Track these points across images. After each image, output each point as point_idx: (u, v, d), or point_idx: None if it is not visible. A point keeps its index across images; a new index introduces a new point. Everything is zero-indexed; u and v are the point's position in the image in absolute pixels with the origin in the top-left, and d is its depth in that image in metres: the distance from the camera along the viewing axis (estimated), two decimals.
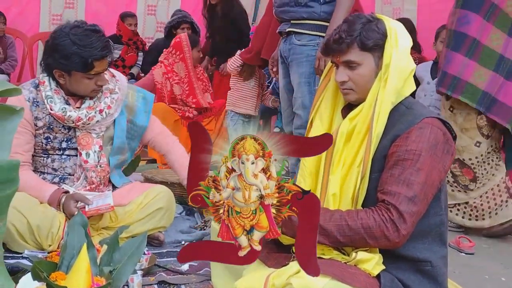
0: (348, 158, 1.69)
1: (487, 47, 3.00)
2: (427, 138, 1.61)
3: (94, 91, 2.30)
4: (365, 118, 1.67)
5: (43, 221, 2.17)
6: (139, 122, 2.51)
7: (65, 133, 2.33)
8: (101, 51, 2.21)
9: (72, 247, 1.43)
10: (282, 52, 2.97)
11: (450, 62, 3.06)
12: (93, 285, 1.33)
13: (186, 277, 2.11)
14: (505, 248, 2.99)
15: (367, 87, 1.69)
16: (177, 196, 2.82)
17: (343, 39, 1.67)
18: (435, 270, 1.71)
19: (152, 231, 2.39)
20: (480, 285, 2.39)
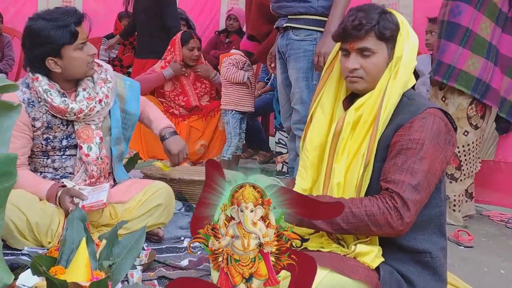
0: (353, 147, 1.70)
1: (479, 36, 3.12)
2: (430, 127, 1.62)
3: (90, 65, 2.29)
4: (372, 108, 1.68)
5: (42, 218, 2.16)
6: (131, 110, 2.51)
7: (64, 130, 2.32)
8: (75, 15, 2.21)
9: (71, 241, 1.43)
10: (279, 47, 2.98)
11: (445, 51, 3.13)
12: (92, 278, 1.33)
13: (186, 272, 2.12)
14: (504, 242, 3.00)
15: (377, 77, 1.70)
16: (176, 193, 2.83)
17: (362, 26, 1.68)
18: (434, 261, 1.71)
19: (151, 227, 2.39)
20: (479, 278, 2.39)
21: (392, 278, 1.64)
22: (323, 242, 1.72)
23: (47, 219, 2.17)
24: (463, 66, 3.11)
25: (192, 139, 4.36)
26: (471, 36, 3.10)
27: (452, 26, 3.12)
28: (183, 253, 2.37)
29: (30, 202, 2.17)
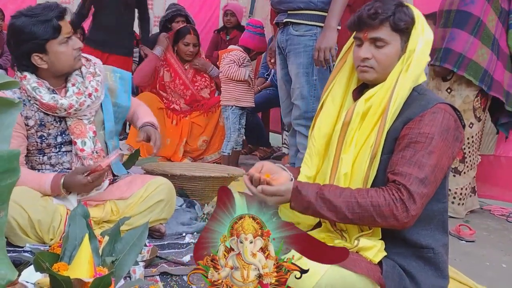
0: (361, 138, 1.70)
1: (487, 27, 3.13)
2: (440, 122, 1.61)
3: (77, 58, 2.27)
4: (382, 100, 1.67)
5: (44, 216, 2.16)
6: (122, 103, 2.50)
7: (57, 127, 2.31)
8: (57, 9, 2.19)
9: (74, 238, 1.43)
10: (279, 42, 2.97)
11: (455, 39, 3.12)
12: (95, 274, 1.33)
13: (188, 268, 2.11)
14: (506, 236, 3.00)
15: (389, 68, 1.70)
16: (178, 189, 2.83)
17: (378, 15, 1.68)
18: (437, 257, 1.71)
19: (153, 223, 2.39)
20: (481, 272, 2.39)
21: (394, 273, 1.64)
22: (324, 237, 1.73)
23: (48, 216, 2.17)
24: (473, 56, 3.11)
25: (194, 135, 4.37)
26: (481, 27, 3.11)
27: (463, 15, 3.11)
28: (185, 249, 2.37)
29: (32, 200, 2.17)
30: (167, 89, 4.45)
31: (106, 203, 2.34)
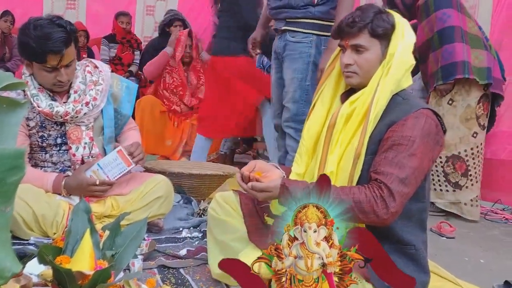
0: (346, 139, 1.71)
1: (470, 33, 3.14)
2: (422, 126, 1.62)
3: (56, 85, 2.24)
4: (365, 102, 1.68)
5: (47, 211, 2.16)
6: (123, 111, 2.48)
7: (57, 129, 2.30)
8: (53, 44, 2.12)
9: (76, 232, 1.42)
10: (276, 48, 2.96)
11: (453, 52, 3.10)
12: (96, 267, 1.32)
13: (185, 261, 2.11)
14: (484, 233, 3.02)
15: (370, 73, 1.71)
16: (175, 186, 2.82)
17: (355, 23, 1.70)
18: (418, 253, 1.72)
19: (151, 218, 2.39)
20: (460, 266, 2.40)
21: None
22: None
23: (52, 211, 2.16)
24: (471, 61, 3.09)
25: (194, 136, 4.37)
26: (465, 34, 3.11)
27: (448, 30, 3.11)
28: (181, 243, 2.37)
29: (36, 196, 2.16)
30: (168, 89, 4.44)
31: (107, 199, 2.34)
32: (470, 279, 2.18)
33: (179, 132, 4.35)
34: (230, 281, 1.83)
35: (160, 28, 5.36)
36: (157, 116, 4.35)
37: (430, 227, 2.89)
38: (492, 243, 2.81)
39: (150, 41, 5.62)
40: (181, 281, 1.93)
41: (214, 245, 1.97)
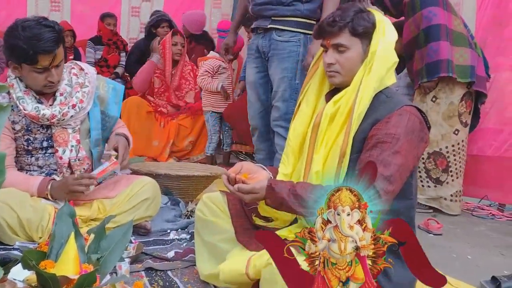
0: (331, 138, 1.71)
1: (455, 31, 3.16)
2: (406, 124, 1.62)
3: (47, 87, 2.22)
4: (348, 101, 1.68)
5: (32, 215, 2.13)
6: (111, 113, 2.46)
7: (43, 133, 2.27)
8: (44, 44, 2.10)
9: (61, 236, 1.41)
10: (260, 47, 2.91)
11: (439, 49, 3.13)
12: (81, 272, 1.31)
13: (172, 263, 2.10)
14: (471, 229, 3.04)
15: (353, 72, 1.71)
16: (163, 187, 2.81)
17: (336, 22, 1.70)
18: None
19: (139, 220, 2.37)
20: (448, 263, 2.41)
21: None
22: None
23: (37, 215, 2.13)
24: (454, 60, 3.13)
25: (181, 136, 4.38)
26: (449, 32, 3.14)
27: (434, 28, 3.13)
28: (169, 245, 2.35)
29: (20, 200, 2.13)
30: (155, 94, 4.44)
31: (93, 202, 2.32)
32: (457, 276, 2.19)
33: (166, 133, 4.34)
34: (219, 282, 1.82)
35: (147, 29, 5.33)
36: (143, 116, 4.34)
37: (418, 224, 2.90)
38: (479, 239, 2.83)
39: (136, 43, 5.58)
40: (169, 284, 1.91)
41: (202, 247, 1.96)
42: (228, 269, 1.69)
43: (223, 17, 6.20)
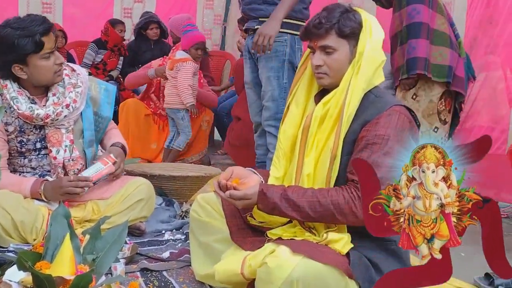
0: (321, 140, 1.71)
1: (437, 30, 3.18)
2: (395, 124, 1.63)
3: (57, 73, 2.22)
4: (337, 103, 1.69)
5: (26, 217, 2.13)
6: (103, 114, 2.45)
7: (36, 134, 2.27)
8: (42, 26, 2.14)
9: (56, 237, 1.41)
10: (249, 48, 2.94)
11: (417, 47, 3.14)
12: (77, 272, 1.31)
13: (168, 263, 2.10)
14: None
15: (341, 73, 1.71)
16: (157, 188, 2.81)
17: (322, 24, 1.69)
18: (399, 248, 1.70)
19: (133, 221, 2.37)
20: None
21: (361, 263, 1.65)
22: (296, 231, 1.73)
23: (31, 217, 2.13)
24: (431, 59, 3.15)
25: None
26: (430, 32, 3.16)
27: (415, 26, 3.15)
28: (164, 246, 2.36)
29: (14, 202, 2.13)
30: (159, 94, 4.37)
31: (87, 203, 2.31)
32: None
33: (164, 136, 4.32)
34: (214, 282, 1.82)
35: (136, 31, 5.32)
36: (141, 119, 4.31)
37: None
38: (472, 236, 2.83)
39: (127, 45, 5.58)
40: (164, 284, 1.92)
41: (197, 247, 1.96)
42: (223, 269, 1.70)
43: (215, 18, 6.20)
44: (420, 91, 3.26)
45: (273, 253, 1.54)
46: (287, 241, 1.64)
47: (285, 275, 1.49)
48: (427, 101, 3.24)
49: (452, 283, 2.08)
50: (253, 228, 1.82)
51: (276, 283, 1.51)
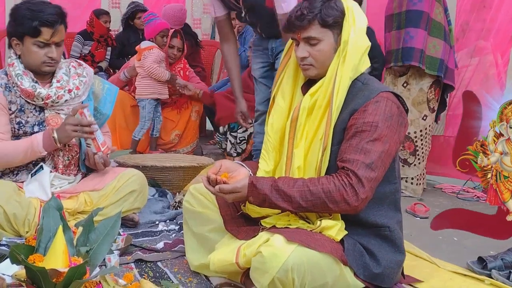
0: (310, 131, 1.70)
1: (435, 20, 3.18)
2: (383, 110, 1.63)
3: (45, 63, 2.24)
4: (325, 93, 1.68)
5: (18, 209, 2.12)
6: (103, 110, 2.46)
7: (36, 116, 2.27)
8: (48, 16, 2.17)
9: (48, 230, 1.40)
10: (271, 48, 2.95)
11: (414, 38, 3.15)
12: (70, 264, 1.30)
13: (162, 254, 2.10)
14: None
15: (327, 63, 1.70)
16: (150, 179, 2.80)
17: (304, 16, 1.67)
18: (393, 234, 1.74)
19: (126, 212, 2.37)
20: (435, 245, 2.45)
21: (355, 250, 1.66)
22: (290, 219, 1.74)
23: (23, 209, 2.12)
24: (426, 50, 3.16)
25: (167, 129, 4.36)
26: (429, 21, 3.16)
27: (415, 13, 3.14)
28: (158, 236, 2.35)
29: (6, 195, 2.12)
30: None
31: (80, 195, 2.30)
32: (445, 257, 2.22)
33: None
34: (209, 272, 1.83)
35: (123, 21, 5.27)
36: (128, 111, 4.30)
37: (405, 208, 2.94)
38: None
39: (115, 36, 5.52)
40: (159, 274, 1.92)
41: (191, 238, 1.96)
42: (218, 259, 1.70)
43: (204, 8, 6.15)
44: (411, 79, 3.27)
45: (268, 242, 1.55)
46: (281, 229, 1.64)
47: (280, 263, 1.50)
48: (418, 90, 3.26)
49: (445, 267, 2.10)
50: (247, 217, 1.82)
51: (271, 271, 1.51)
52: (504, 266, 2.04)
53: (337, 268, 1.60)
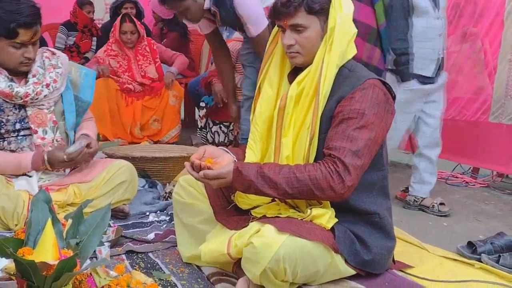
0: (298, 120, 1.70)
1: None
2: (370, 97, 1.63)
3: (23, 64, 2.20)
4: (312, 81, 1.67)
5: (7, 203, 2.10)
6: (84, 98, 2.43)
7: (16, 114, 2.23)
8: (26, 18, 2.10)
9: (37, 223, 1.39)
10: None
11: None
12: (60, 257, 1.30)
13: (153, 245, 2.10)
14: (445, 196, 3.10)
15: (313, 50, 1.69)
16: (139, 170, 2.79)
17: (291, 3, 1.66)
18: (382, 221, 1.75)
19: (116, 204, 2.35)
20: (424, 230, 2.48)
21: (346, 237, 1.67)
22: (280, 208, 1.74)
23: (12, 203, 2.11)
24: None
25: (146, 117, 4.35)
26: None
27: None
28: (149, 227, 2.35)
29: None
30: (116, 74, 4.36)
31: (69, 187, 2.28)
32: (435, 242, 2.24)
33: (131, 112, 4.30)
34: (201, 262, 1.83)
35: (112, 10, 5.22)
36: (112, 96, 4.27)
37: (395, 195, 2.96)
38: (454, 206, 2.89)
39: (102, 26, 5.46)
40: (150, 265, 1.92)
41: (182, 229, 1.96)
42: (209, 249, 1.70)
43: None
44: None
45: (259, 233, 1.55)
46: (271, 219, 1.64)
47: (272, 254, 1.50)
48: None
49: (435, 252, 2.12)
50: (237, 207, 1.82)
51: (262, 262, 1.52)
52: (493, 250, 2.07)
53: (329, 256, 1.61)
